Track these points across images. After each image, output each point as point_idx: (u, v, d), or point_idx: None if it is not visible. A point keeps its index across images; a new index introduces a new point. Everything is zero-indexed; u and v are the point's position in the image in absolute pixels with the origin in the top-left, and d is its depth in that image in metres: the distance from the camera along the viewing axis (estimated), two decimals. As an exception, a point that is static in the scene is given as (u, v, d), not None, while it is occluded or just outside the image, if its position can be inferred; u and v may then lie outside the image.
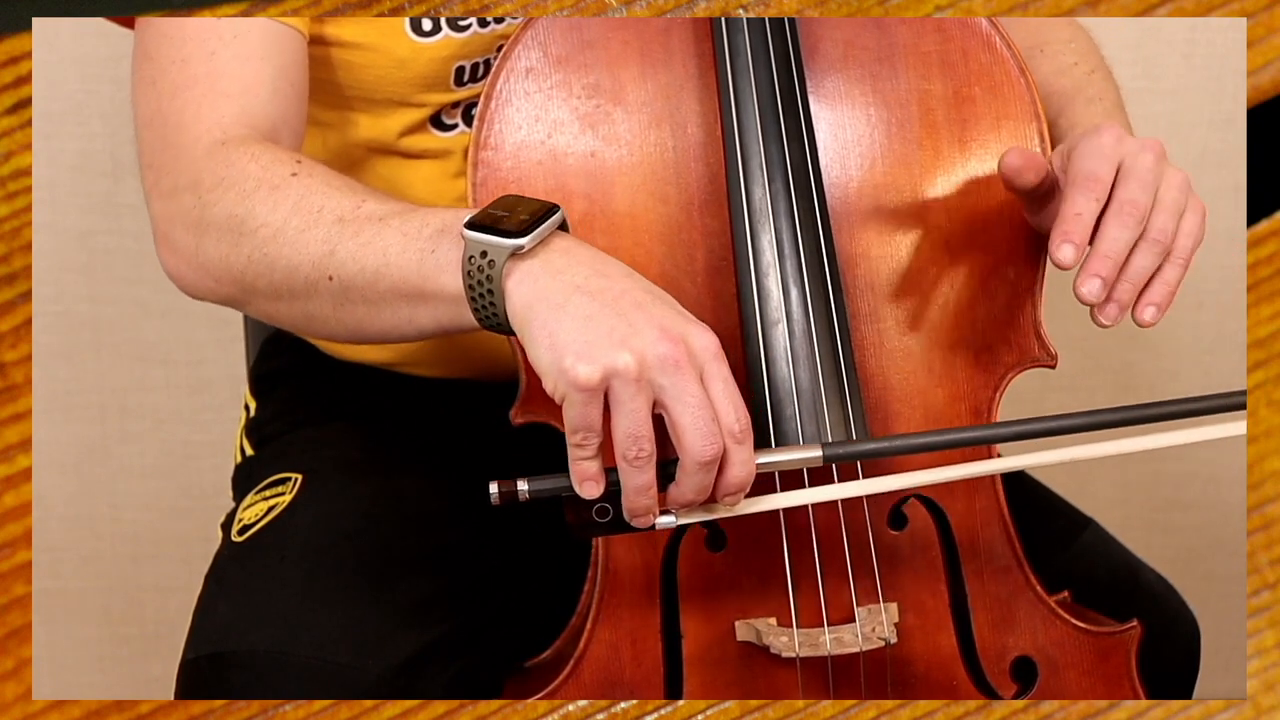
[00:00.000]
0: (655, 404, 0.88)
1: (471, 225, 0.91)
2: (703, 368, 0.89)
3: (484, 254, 0.90)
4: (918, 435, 1.01)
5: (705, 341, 0.89)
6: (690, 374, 0.88)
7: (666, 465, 0.91)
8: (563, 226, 0.93)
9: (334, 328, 0.99)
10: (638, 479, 0.90)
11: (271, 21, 1.06)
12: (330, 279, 0.96)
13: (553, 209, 0.92)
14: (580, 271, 0.90)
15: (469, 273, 0.90)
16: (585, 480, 0.91)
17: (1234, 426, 0.98)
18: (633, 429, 0.88)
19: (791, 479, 1.02)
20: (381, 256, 0.94)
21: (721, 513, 0.95)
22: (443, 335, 0.97)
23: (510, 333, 0.91)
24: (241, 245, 0.99)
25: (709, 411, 0.88)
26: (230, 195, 0.99)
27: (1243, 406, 0.96)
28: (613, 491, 0.92)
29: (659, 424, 0.89)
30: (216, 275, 1.01)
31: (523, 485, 0.94)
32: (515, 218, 0.91)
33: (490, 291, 0.90)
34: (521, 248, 0.90)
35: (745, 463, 0.90)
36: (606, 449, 0.90)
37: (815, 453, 0.95)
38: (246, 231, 0.98)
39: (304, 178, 0.99)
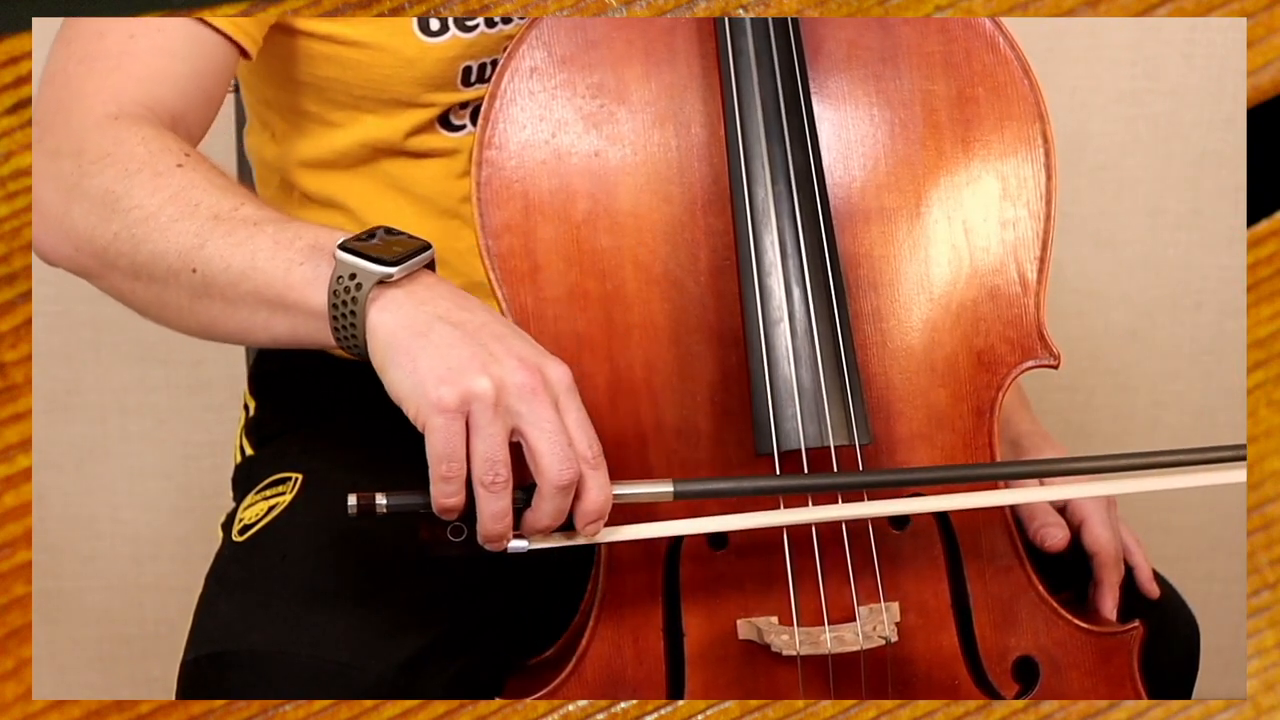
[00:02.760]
0: (513, 432, 0.91)
1: (345, 248, 0.93)
2: (557, 398, 0.92)
3: (353, 276, 0.92)
4: (785, 477, 1.03)
5: (559, 374, 0.93)
6: (546, 401, 0.91)
7: (523, 491, 0.93)
8: (430, 267, 0.96)
9: (186, 319, 1.01)
10: (494, 505, 0.92)
11: (202, 28, 1.06)
12: (194, 271, 0.97)
13: (425, 246, 0.96)
14: (443, 304, 0.93)
15: (335, 292, 0.93)
16: (446, 512, 0.93)
17: (1234, 474, 1.02)
18: (489, 453, 0.90)
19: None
20: (250, 259, 0.96)
21: (579, 540, 0.97)
22: (295, 347, 0.99)
23: (364, 357, 0.94)
24: (111, 221, 0.99)
25: (564, 437, 0.91)
26: (110, 171, 1.00)
27: (1243, 459, 1.01)
28: (469, 512, 0.93)
29: (516, 453, 0.92)
30: (77, 244, 1.02)
31: (381, 500, 0.95)
32: (389, 249, 0.94)
33: (353, 314, 0.93)
34: (390, 275, 0.93)
35: (601, 488, 0.93)
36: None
37: (666, 488, 0.97)
38: (120, 210, 0.99)
39: (189, 171, 1.00)
